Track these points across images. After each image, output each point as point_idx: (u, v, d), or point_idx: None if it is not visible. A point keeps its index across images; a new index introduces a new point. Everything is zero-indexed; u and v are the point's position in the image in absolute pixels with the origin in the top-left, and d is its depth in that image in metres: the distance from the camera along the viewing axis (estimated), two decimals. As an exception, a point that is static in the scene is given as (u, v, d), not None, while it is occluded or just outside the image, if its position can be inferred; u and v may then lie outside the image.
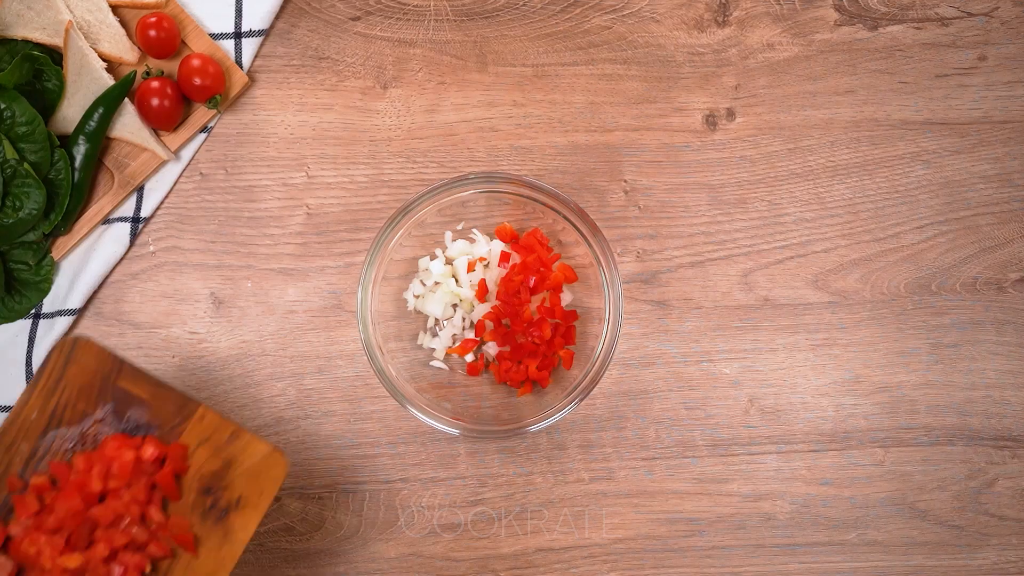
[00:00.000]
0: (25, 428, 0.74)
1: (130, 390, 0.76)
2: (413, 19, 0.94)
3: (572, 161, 0.93)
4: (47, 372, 0.75)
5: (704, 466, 0.91)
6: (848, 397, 0.92)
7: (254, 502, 0.74)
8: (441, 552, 0.90)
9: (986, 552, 0.91)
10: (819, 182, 0.94)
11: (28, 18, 0.88)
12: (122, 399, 0.75)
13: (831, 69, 0.95)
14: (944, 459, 0.92)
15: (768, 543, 0.91)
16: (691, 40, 0.95)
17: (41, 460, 0.74)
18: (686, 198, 0.93)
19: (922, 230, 0.94)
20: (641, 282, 0.93)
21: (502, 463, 0.91)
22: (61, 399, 0.75)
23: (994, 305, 0.93)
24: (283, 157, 0.92)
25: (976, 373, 0.92)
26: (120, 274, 0.91)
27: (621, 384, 0.92)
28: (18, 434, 0.74)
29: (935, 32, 0.95)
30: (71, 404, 0.75)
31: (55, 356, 0.76)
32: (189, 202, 0.92)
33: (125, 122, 0.89)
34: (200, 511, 0.74)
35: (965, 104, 0.95)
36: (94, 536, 0.72)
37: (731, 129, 0.94)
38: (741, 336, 0.92)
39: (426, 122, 0.93)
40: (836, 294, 0.93)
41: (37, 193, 0.85)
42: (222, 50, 0.91)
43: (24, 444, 0.74)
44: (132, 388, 0.76)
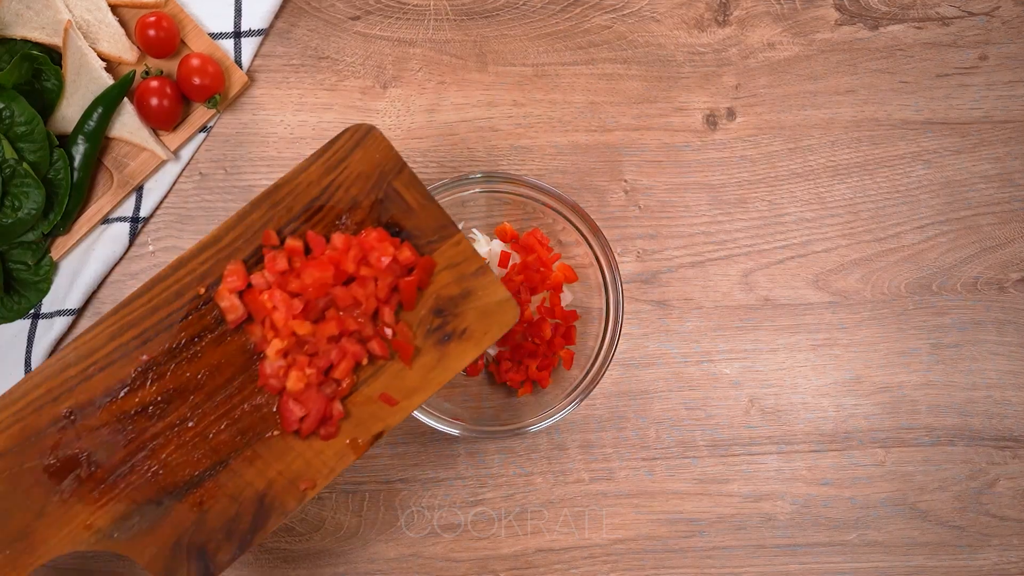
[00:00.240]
0: (297, 192, 0.75)
1: (402, 193, 0.76)
2: (413, 18, 0.94)
3: (572, 161, 0.93)
4: (334, 148, 0.76)
5: (704, 466, 0.91)
6: (849, 397, 0.92)
7: (477, 338, 0.75)
8: (441, 553, 0.90)
9: (987, 553, 0.91)
10: (820, 182, 0.94)
11: (27, 17, 0.88)
12: (392, 199, 0.76)
13: (832, 69, 0.95)
14: (945, 459, 0.92)
15: (769, 543, 0.91)
16: (691, 40, 0.94)
17: (299, 227, 0.75)
18: (686, 198, 0.93)
19: (923, 230, 0.94)
20: (641, 282, 0.92)
21: (502, 463, 0.90)
22: (338, 178, 0.76)
23: (995, 305, 0.93)
24: (283, 157, 0.92)
25: (977, 373, 0.92)
26: (119, 274, 0.91)
27: (621, 384, 0.91)
28: (288, 195, 0.75)
29: (936, 32, 0.95)
30: (345, 186, 0.76)
31: (346, 137, 0.76)
32: (188, 202, 0.92)
33: (124, 122, 0.89)
34: (426, 328, 0.75)
35: (966, 104, 0.95)
36: (327, 314, 0.74)
37: (731, 129, 0.94)
38: (741, 336, 0.92)
39: (426, 122, 0.93)
40: (837, 294, 0.93)
41: (36, 193, 0.85)
42: (221, 50, 0.91)
43: (291, 206, 0.76)
44: (404, 192, 0.76)
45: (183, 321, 0.74)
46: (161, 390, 0.73)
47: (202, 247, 0.74)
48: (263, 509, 0.73)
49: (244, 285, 0.74)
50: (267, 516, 0.73)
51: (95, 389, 0.73)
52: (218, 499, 0.73)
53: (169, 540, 0.72)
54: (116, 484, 0.73)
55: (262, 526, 0.72)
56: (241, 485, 0.73)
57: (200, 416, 0.73)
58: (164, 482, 0.73)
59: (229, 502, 0.73)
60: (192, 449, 0.73)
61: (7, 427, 0.72)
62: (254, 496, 0.73)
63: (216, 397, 0.74)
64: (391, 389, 0.75)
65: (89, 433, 0.73)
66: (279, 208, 0.76)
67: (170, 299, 0.74)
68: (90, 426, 0.73)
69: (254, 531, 0.72)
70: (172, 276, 0.74)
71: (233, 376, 0.74)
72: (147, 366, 0.73)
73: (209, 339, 0.74)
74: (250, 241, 0.75)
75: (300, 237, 0.75)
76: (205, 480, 0.73)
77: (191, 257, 0.74)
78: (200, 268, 0.74)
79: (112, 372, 0.73)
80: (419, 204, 0.76)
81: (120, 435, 0.73)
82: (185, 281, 0.74)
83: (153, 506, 0.72)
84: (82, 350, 0.73)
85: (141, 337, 0.73)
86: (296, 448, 0.73)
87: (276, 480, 0.73)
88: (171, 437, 0.73)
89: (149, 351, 0.73)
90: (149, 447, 0.73)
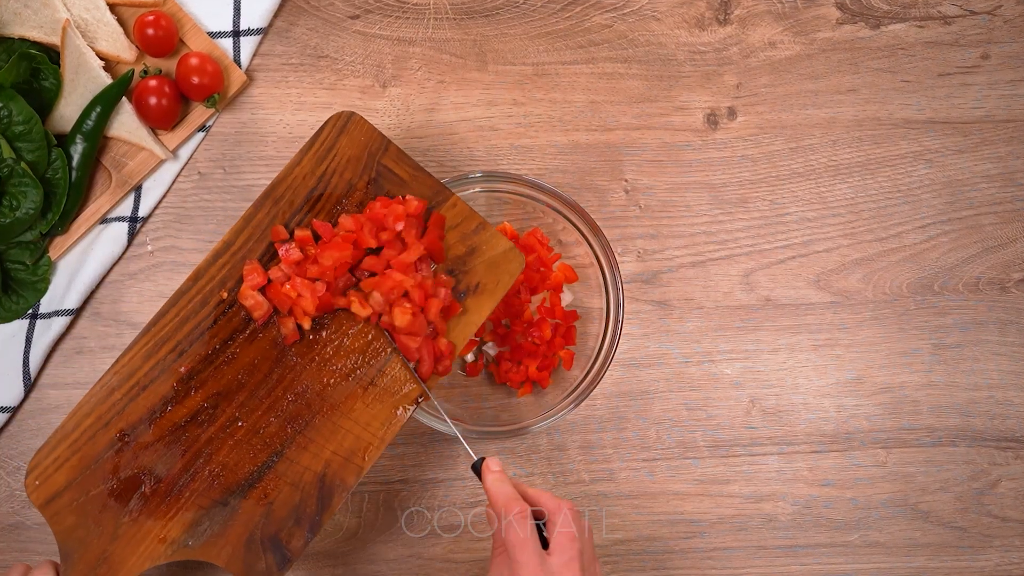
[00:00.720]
0: (295, 186, 0.79)
1: (393, 168, 0.80)
2: (412, 17, 0.93)
3: (572, 160, 0.93)
4: (321, 139, 0.80)
5: (705, 467, 0.91)
6: (850, 398, 0.92)
7: (490, 289, 0.79)
8: (441, 554, 0.89)
9: (989, 554, 0.91)
10: (821, 181, 0.93)
11: (25, 16, 0.87)
12: (384, 175, 0.80)
13: (833, 68, 0.94)
14: (947, 460, 0.91)
15: (770, 544, 0.90)
16: (692, 38, 0.94)
17: (303, 219, 0.79)
18: (687, 197, 0.93)
19: (924, 230, 0.93)
20: (642, 282, 0.92)
21: (502, 464, 0.90)
22: (330, 166, 0.80)
23: (997, 305, 0.93)
24: (282, 156, 0.92)
25: (979, 374, 0.92)
26: (118, 274, 0.91)
27: (622, 385, 0.91)
28: (287, 190, 0.79)
29: (937, 30, 0.95)
30: (339, 172, 0.80)
31: (329, 126, 0.80)
32: (187, 201, 0.92)
33: (123, 121, 0.89)
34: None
35: (968, 103, 0.94)
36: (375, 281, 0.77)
37: (732, 128, 0.94)
38: (742, 336, 0.92)
39: (425, 121, 0.93)
40: (838, 294, 0.92)
41: (34, 192, 0.85)
42: (220, 48, 0.91)
43: (292, 200, 0.79)
44: (394, 167, 0.80)
45: (213, 327, 0.77)
46: (206, 396, 0.76)
47: (216, 254, 0.78)
48: (325, 489, 0.75)
49: (264, 281, 0.77)
50: (331, 495, 0.75)
51: (142, 408, 0.76)
52: (281, 489, 0.75)
53: (242, 537, 0.75)
54: (181, 494, 0.75)
55: (328, 506, 0.75)
56: (300, 471, 0.76)
57: (248, 413, 0.76)
58: (226, 483, 0.75)
59: (292, 490, 0.75)
60: (246, 446, 0.76)
61: (65, 460, 0.76)
62: (314, 479, 0.76)
63: (259, 393, 0.77)
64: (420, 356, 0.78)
65: (145, 450, 0.76)
66: (281, 204, 0.79)
67: (196, 309, 0.77)
68: (145, 443, 0.76)
69: (321, 511, 0.75)
70: (194, 287, 0.78)
71: (271, 370, 0.77)
72: (187, 376, 0.77)
73: (241, 339, 0.77)
74: (260, 240, 0.78)
75: (307, 227, 0.78)
76: (265, 473, 0.76)
77: (208, 266, 0.78)
78: (219, 274, 0.78)
79: (155, 389, 0.76)
80: (410, 175, 0.80)
81: (175, 446, 0.76)
82: (207, 289, 0.78)
83: (220, 507, 0.75)
84: (123, 373, 0.76)
85: (176, 350, 0.77)
86: (344, 426, 0.76)
87: (332, 460, 0.76)
88: (224, 439, 0.76)
89: (186, 362, 0.77)
90: (205, 452, 0.76)
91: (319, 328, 0.78)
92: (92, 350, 0.90)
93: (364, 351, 0.77)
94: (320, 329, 0.78)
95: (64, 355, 0.90)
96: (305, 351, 0.77)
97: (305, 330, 0.77)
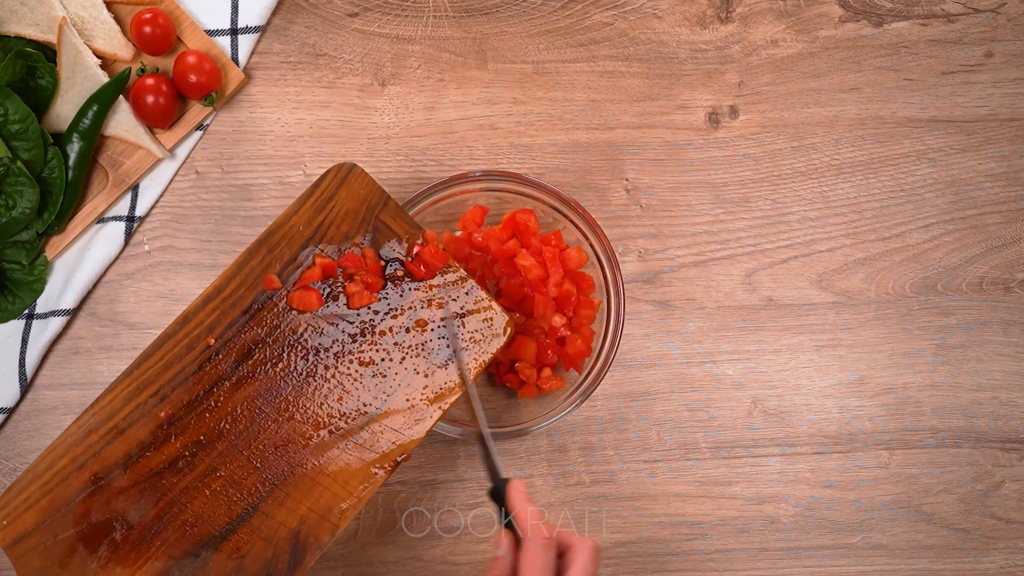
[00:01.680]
0: (291, 235, 0.78)
1: (390, 224, 0.79)
2: (412, 15, 0.93)
3: (573, 159, 0.92)
4: (321, 189, 0.79)
5: (707, 468, 0.90)
6: (853, 399, 0.91)
7: (478, 356, 0.78)
8: (440, 555, 0.89)
9: (992, 556, 0.90)
10: (823, 180, 0.93)
11: (21, 14, 0.87)
12: (381, 231, 0.79)
13: (835, 66, 0.94)
14: (950, 461, 0.91)
15: (772, 546, 0.90)
16: (693, 37, 0.93)
17: (297, 269, 0.78)
18: (689, 197, 0.92)
19: (928, 229, 0.93)
20: (643, 282, 0.91)
21: (502, 465, 0.90)
22: (328, 217, 0.79)
23: (1001, 305, 0.92)
24: (280, 155, 0.91)
25: (982, 374, 0.91)
26: (114, 274, 0.90)
27: (623, 385, 0.91)
28: (282, 239, 0.78)
29: (941, 28, 0.94)
30: (336, 224, 0.79)
31: (331, 176, 0.79)
32: (185, 201, 0.91)
33: (120, 120, 0.88)
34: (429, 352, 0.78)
35: (971, 101, 0.94)
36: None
37: (734, 127, 0.93)
38: (744, 337, 0.91)
39: (425, 120, 0.92)
40: (840, 294, 0.92)
41: (30, 192, 0.85)
42: (218, 47, 0.90)
43: (287, 249, 0.78)
44: (392, 223, 0.79)
45: (197, 373, 0.76)
46: (185, 444, 0.75)
47: (206, 300, 0.77)
48: (298, 546, 0.74)
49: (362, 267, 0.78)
50: (303, 553, 0.74)
51: (119, 451, 0.75)
52: (254, 543, 0.74)
53: None
54: (152, 542, 0.74)
55: (300, 563, 0.74)
56: (274, 526, 0.74)
57: (227, 464, 0.75)
58: (199, 534, 0.74)
59: (264, 545, 0.74)
60: (223, 498, 0.75)
61: (35, 501, 0.74)
62: (288, 535, 0.74)
63: (240, 443, 0.75)
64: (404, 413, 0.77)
65: (119, 495, 0.74)
66: (276, 252, 0.78)
67: (182, 353, 0.76)
68: (119, 488, 0.74)
69: (292, 569, 0.74)
70: (181, 331, 0.76)
71: (254, 420, 0.76)
72: (168, 422, 0.75)
73: (226, 387, 0.76)
74: (252, 288, 0.77)
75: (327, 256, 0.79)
76: (239, 527, 0.74)
77: (197, 310, 0.77)
78: (207, 320, 0.77)
79: (133, 433, 0.75)
80: (408, 234, 0.79)
81: (150, 493, 0.74)
82: (194, 334, 0.76)
83: (191, 559, 0.74)
84: (101, 415, 0.75)
85: (158, 395, 0.75)
86: (323, 482, 0.75)
87: (308, 516, 0.75)
88: (201, 488, 0.75)
89: (168, 407, 0.75)
90: (180, 501, 0.74)
91: (307, 377, 0.77)
92: (89, 351, 0.89)
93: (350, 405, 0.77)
94: (308, 379, 0.77)
95: (61, 355, 0.89)
96: (288, 403, 0.76)
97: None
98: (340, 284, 0.78)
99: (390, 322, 0.78)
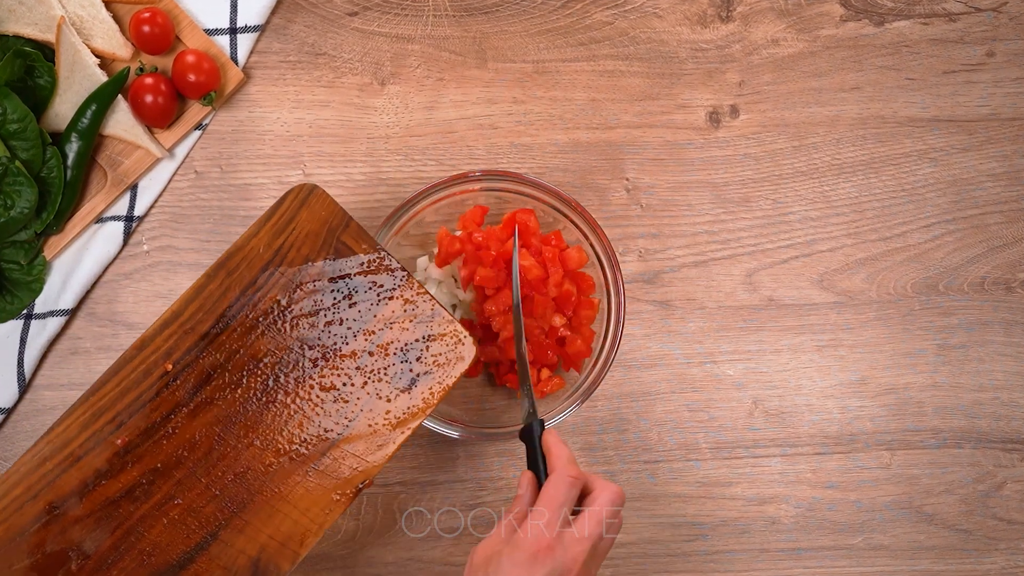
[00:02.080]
0: (250, 258, 0.76)
1: (351, 246, 0.77)
2: (411, 14, 0.92)
3: (573, 159, 0.92)
4: (281, 211, 0.77)
5: (707, 469, 0.90)
6: (854, 399, 0.91)
7: (441, 379, 0.77)
8: (440, 556, 0.89)
9: (994, 557, 0.90)
10: (824, 180, 0.92)
11: (20, 13, 0.87)
12: (342, 253, 0.77)
13: (836, 65, 0.93)
14: (951, 462, 0.90)
15: (772, 547, 0.90)
16: (694, 36, 0.93)
17: (258, 292, 0.76)
18: (689, 196, 0.92)
19: (929, 229, 0.92)
20: (643, 282, 0.91)
21: (502, 466, 0.89)
22: (288, 239, 0.77)
23: (1002, 305, 0.92)
24: (279, 155, 0.91)
25: (984, 374, 0.91)
26: (113, 274, 0.90)
27: (623, 386, 0.90)
28: (242, 262, 0.76)
29: (942, 28, 0.94)
30: (296, 246, 0.77)
31: (290, 198, 0.77)
32: (183, 201, 0.91)
33: (118, 119, 0.88)
34: (390, 376, 0.77)
35: (973, 101, 0.93)
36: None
37: (735, 126, 0.93)
38: (745, 337, 0.91)
39: (425, 119, 0.92)
40: (842, 294, 0.91)
41: (29, 191, 0.84)
42: (217, 46, 0.90)
43: (246, 272, 0.76)
44: (354, 245, 0.77)
45: (155, 400, 0.74)
46: (142, 471, 0.74)
47: (163, 324, 0.75)
48: (259, 575, 0.73)
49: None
50: None
51: (75, 480, 0.73)
52: (212, 573, 0.73)
53: None
54: (108, 573, 0.73)
55: None
56: (234, 554, 0.73)
57: (185, 491, 0.74)
58: (157, 563, 0.73)
59: (224, 574, 0.73)
60: (181, 526, 0.73)
61: None
62: (248, 563, 0.73)
63: (198, 471, 0.74)
64: (365, 439, 0.75)
65: (75, 524, 0.73)
66: (235, 276, 0.76)
67: (139, 379, 0.74)
68: (75, 517, 0.73)
69: None
70: (138, 356, 0.75)
71: (213, 447, 0.74)
72: (124, 450, 0.74)
73: (184, 414, 0.75)
74: (211, 312, 0.76)
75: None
76: (198, 555, 0.73)
77: (154, 335, 0.75)
78: (164, 345, 0.75)
79: (90, 461, 0.73)
80: (369, 255, 0.77)
81: (107, 522, 0.73)
82: (151, 360, 0.75)
83: None
84: (56, 443, 0.73)
85: (115, 421, 0.74)
86: (283, 509, 0.74)
87: (268, 544, 0.74)
88: (158, 517, 0.73)
89: (124, 435, 0.74)
90: (137, 530, 0.73)
91: (267, 403, 0.75)
92: (87, 351, 0.89)
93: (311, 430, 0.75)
94: (268, 404, 0.75)
95: (59, 356, 0.89)
96: (248, 429, 0.75)
97: None
98: (301, 307, 0.76)
99: (352, 346, 0.76)
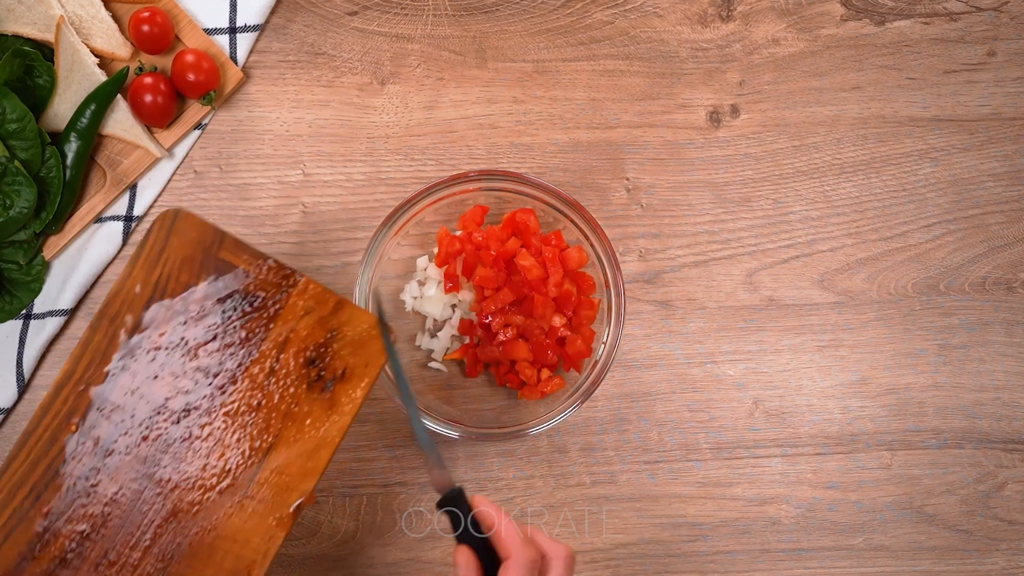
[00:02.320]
0: (129, 300, 0.74)
1: (232, 261, 0.75)
2: (411, 14, 0.92)
3: (573, 159, 0.92)
4: (149, 244, 0.75)
5: (708, 469, 0.90)
6: (854, 399, 0.90)
7: (360, 373, 0.74)
8: (440, 556, 0.88)
9: (995, 557, 0.90)
10: (825, 180, 0.92)
11: (19, 13, 0.87)
12: (224, 271, 0.75)
13: (837, 65, 0.93)
14: (952, 462, 0.90)
15: (773, 548, 0.89)
16: (694, 35, 0.93)
17: (145, 331, 0.74)
18: (689, 196, 0.92)
19: (930, 229, 0.92)
20: (644, 282, 0.91)
21: (502, 466, 0.89)
22: (164, 271, 0.75)
23: (1003, 305, 0.92)
24: (279, 154, 0.91)
25: (985, 375, 0.91)
26: (113, 274, 0.90)
27: (623, 386, 0.90)
28: (122, 306, 0.74)
29: (943, 27, 0.94)
30: (174, 275, 0.75)
31: (156, 228, 0.75)
32: (183, 200, 0.91)
33: (118, 119, 0.88)
34: (305, 383, 0.74)
35: (974, 100, 0.93)
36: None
37: (735, 126, 0.92)
38: (745, 337, 0.91)
39: (424, 119, 0.92)
40: (842, 294, 0.91)
41: (28, 191, 0.84)
42: (216, 45, 0.90)
43: (129, 315, 0.74)
44: (234, 259, 0.75)
45: (67, 464, 0.73)
46: (70, 536, 0.72)
47: (58, 387, 0.74)
48: None
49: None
50: None
51: (8, 559, 0.72)
52: None
53: None
54: None
55: None
56: None
57: (116, 548, 0.72)
58: None
59: None
60: None
61: None
62: None
63: (127, 524, 0.73)
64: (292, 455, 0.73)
65: None
66: (118, 321, 0.74)
67: (46, 448, 0.73)
68: None
69: None
70: (40, 425, 0.73)
71: (136, 498, 0.73)
72: (48, 520, 0.72)
73: (100, 470, 0.73)
74: (102, 363, 0.74)
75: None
76: None
77: (51, 399, 0.73)
78: (64, 407, 0.74)
79: (18, 537, 0.72)
80: (253, 265, 0.75)
81: None
82: (55, 425, 0.73)
83: None
84: None
85: (32, 494, 0.73)
86: (223, 546, 0.72)
87: None
88: None
89: (45, 505, 0.72)
90: None
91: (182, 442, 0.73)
92: (87, 351, 0.89)
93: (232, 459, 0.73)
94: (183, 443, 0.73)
95: (59, 356, 0.89)
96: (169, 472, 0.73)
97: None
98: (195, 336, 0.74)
99: (258, 362, 0.74)
